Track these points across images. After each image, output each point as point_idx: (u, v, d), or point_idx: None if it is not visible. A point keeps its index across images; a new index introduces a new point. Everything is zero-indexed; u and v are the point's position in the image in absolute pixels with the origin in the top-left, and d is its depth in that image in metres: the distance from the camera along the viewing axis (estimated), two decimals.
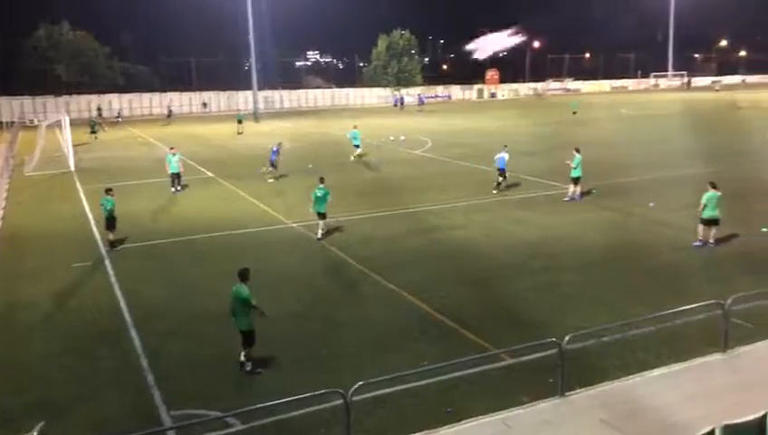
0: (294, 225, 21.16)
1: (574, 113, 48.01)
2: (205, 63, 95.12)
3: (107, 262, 17.66)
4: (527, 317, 13.09)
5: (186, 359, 11.65)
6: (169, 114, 68.02)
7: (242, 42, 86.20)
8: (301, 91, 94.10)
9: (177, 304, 14.44)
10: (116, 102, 78.91)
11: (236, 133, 51.40)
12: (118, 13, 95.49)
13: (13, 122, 63.42)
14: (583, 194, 23.92)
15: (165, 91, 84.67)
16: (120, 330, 12.99)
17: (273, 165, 29.87)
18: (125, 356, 11.82)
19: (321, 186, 19.51)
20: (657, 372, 10.36)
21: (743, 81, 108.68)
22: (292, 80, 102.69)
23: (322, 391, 8.94)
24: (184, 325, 13.19)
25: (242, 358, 11.11)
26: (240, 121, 53.49)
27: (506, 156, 25.37)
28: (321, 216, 19.37)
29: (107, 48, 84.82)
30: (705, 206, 17.15)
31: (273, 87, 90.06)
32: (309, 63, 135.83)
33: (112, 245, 18.90)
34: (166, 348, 12.10)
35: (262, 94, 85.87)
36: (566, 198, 23.54)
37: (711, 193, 17.15)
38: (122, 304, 14.35)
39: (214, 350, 11.95)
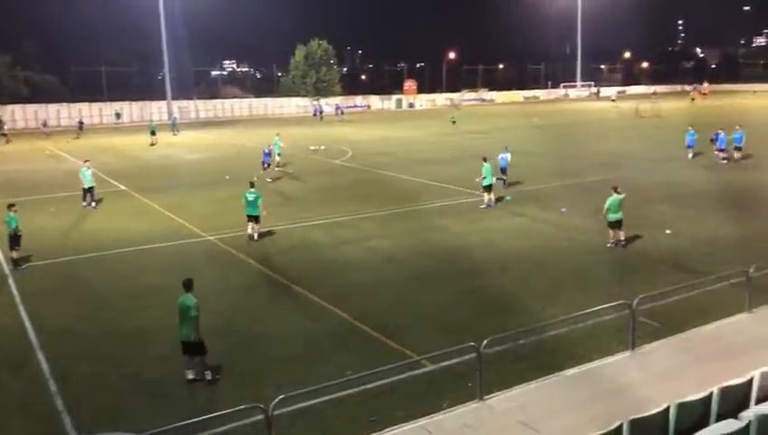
0: (211, 238, 20.72)
1: (453, 122, 50.30)
2: (116, 73, 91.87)
3: (10, 282, 16.74)
4: (447, 323, 13.31)
5: (97, 381, 11.18)
6: (80, 126, 64.77)
7: (155, 50, 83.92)
8: (217, 101, 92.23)
9: (87, 323, 13.85)
10: (19, 113, 75.11)
11: (149, 145, 49.91)
12: (20, 20, 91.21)
13: None
14: (497, 200, 24.60)
15: (74, 101, 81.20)
16: (25, 353, 12.32)
17: (265, 166, 31.03)
18: (31, 381, 11.22)
19: (252, 190, 20.12)
20: (571, 371, 10.73)
21: (654, 91, 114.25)
22: (208, 90, 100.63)
23: (243, 407, 8.78)
24: (95, 346, 12.66)
25: (191, 375, 10.91)
26: (153, 132, 51.96)
27: (509, 156, 27.67)
28: (254, 219, 19.98)
29: (7, 57, 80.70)
30: (608, 209, 18.04)
31: (188, 97, 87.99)
32: (225, 73, 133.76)
33: (16, 263, 17.93)
34: (76, 370, 11.57)
35: (176, 104, 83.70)
36: (482, 206, 24.13)
37: (614, 197, 18.04)
38: (28, 326, 13.63)
39: (127, 370, 11.53)
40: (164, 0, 77.95)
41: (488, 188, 24.02)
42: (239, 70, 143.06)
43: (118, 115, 76.62)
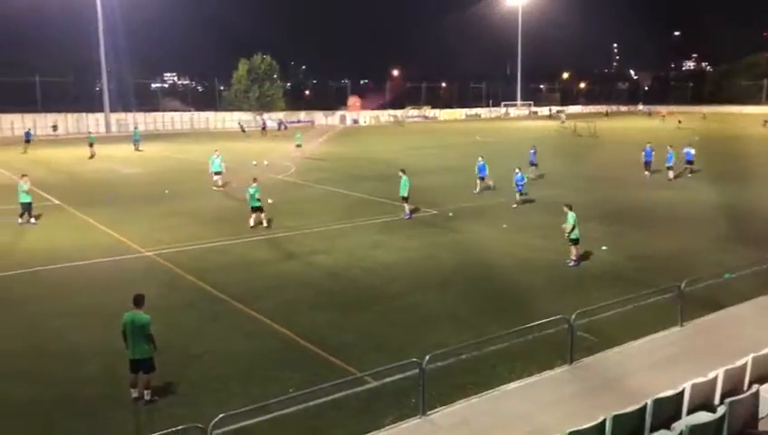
0: (150, 253, 20.23)
1: (298, 146, 50.39)
2: (51, 83, 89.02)
3: None
4: (390, 339, 13.33)
5: (27, 403, 10.71)
6: (27, 138, 60.01)
7: (93, 60, 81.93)
8: (157, 114, 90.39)
9: (16, 343, 13.28)
10: None
11: (88, 157, 48.49)
12: None
13: None
14: (412, 212, 25.57)
15: (4, 111, 78.14)
16: None
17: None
18: None
19: (254, 184, 23.48)
20: (512, 385, 10.90)
21: (606, 112, 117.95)
22: (148, 102, 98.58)
23: (181, 427, 8.56)
24: (25, 366, 12.14)
25: (135, 393, 10.64)
26: (92, 144, 50.50)
27: (484, 164, 30.85)
28: (258, 209, 23.38)
29: None
30: (573, 226, 18.32)
31: (127, 109, 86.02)
32: (166, 86, 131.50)
33: None
34: (5, 392, 11.06)
35: (115, 117, 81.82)
36: (401, 215, 25.20)
37: (572, 214, 18.38)
38: None
39: (60, 390, 11.10)
40: (102, 10, 76.38)
41: (405, 199, 25.28)
42: (180, 82, 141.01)
43: (54, 127, 73.96)
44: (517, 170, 27.39)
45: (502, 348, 12.29)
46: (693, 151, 37.04)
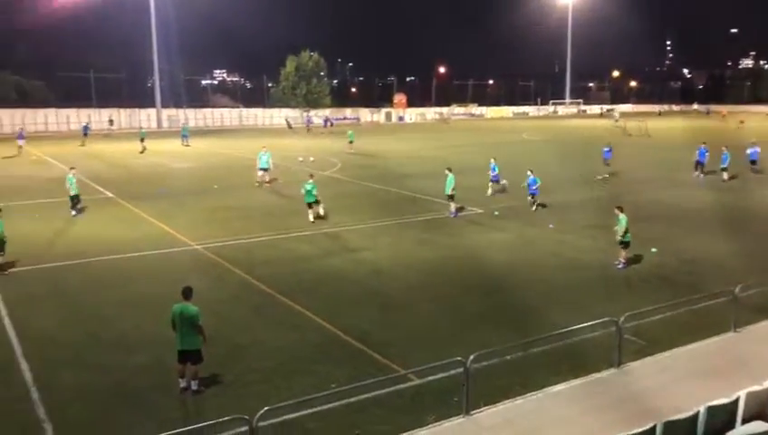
0: (199, 246, 20.60)
1: (350, 143, 50.82)
2: (106, 79, 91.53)
3: None
4: (433, 338, 13.28)
5: (80, 390, 11.02)
6: (85, 132, 62.31)
7: (145, 58, 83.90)
8: (207, 110, 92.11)
9: (71, 331, 13.69)
10: (7, 118, 74.56)
11: (139, 152, 49.74)
12: (11, 26, 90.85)
13: None
14: (457, 210, 25.50)
15: (62, 106, 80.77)
16: (7, 361, 12.14)
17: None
18: (13, 389, 11.04)
19: (311, 180, 24.10)
20: (557, 388, 10.73)
21: (659, 111, 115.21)
22: (198, 98, 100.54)
23: (227, 418, 8.70)
24: (78, 354, 12.50)
25: (183, 383, 10.85)
26: (143, 139, 51.88)
27: (496, 166, 30.00)
28: (314, 204, 23.90)
29: None
30: (627, 229, 17.89)
31: (178, 105, 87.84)
32: (215, 82, 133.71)
33: (0, 269, 17.74)
34: (58, 379, 11.41)
35: (166, 112, 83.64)
36: (447, 213, 25.22)
37: (624, 216, 17.95)
38: (11, 333, 13.44)
39: (111, 378, 11.40)
40: (155, 8, 78.07)
41: (450, 198, 25.25)
42: (229, 79, 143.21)
43: (111, 122, 75.95)
44: (529, 173, 26.56)
45: (547, 349, 12.13)
46: (758, 151, 35.75)
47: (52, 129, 75.56)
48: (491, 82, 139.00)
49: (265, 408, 8.44)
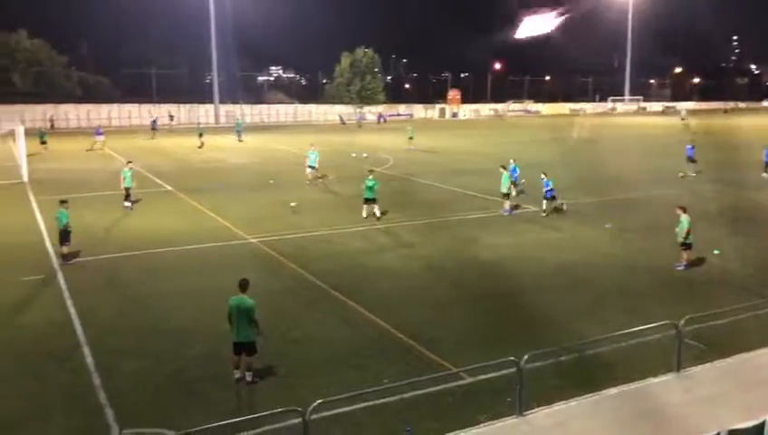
0: (254, 240, 20.94)
1: (410, 139, 50.50)
2: (165, 75, 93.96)
3: (60, 276, 17.17)
4: (486, 336, 13.17)
5: (139, 377, 11.37)
6: (154, 126, 64.46)
7: (203, 54, 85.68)
8: (263, 106, 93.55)
9: (130, 320, 14.12)
10: (72, 113, 77.38)
11: (197, 147, 50.92)
12: (76, 23, 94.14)
13: None
14: (512, 208, 25.29)
15: (124, 102, 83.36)
16: (71, 346, 12.61)
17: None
18: (76, 374, 11.48)
19: (371, 176, 23.94)
20: (612, 391, 10.50)
21: (725, 109, 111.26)
22: (254, 94, 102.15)
23: (280, 410, 8.82)
24: (138, 342, 12.89)
25: (238, 374, 11.06)
26: (201, 135, 53.10)
27: (516, 167, 28.14)
28: (372, 201, 23.66)
29: (64, 57, 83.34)
30: (689, 231, 17.36)
31: (234, 101, 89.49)
32: (271, 79, 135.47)
33: (65, 258, 18.42)
34: (119, 365, 11.79)
35: (223, 108, 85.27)
36: (503, 211, 25.03)
37: (686, 217, 17.43)
38: (75, 320, 13.96)
39: (169, 367, 11.71)
40: (214, 5, 79.59)
41: (505, 196, 25.00)
42: (285, 76, 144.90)
43: (171, 117, 77.89)
44: (543, 176, 25.53)
45: (604, 351, 11.88)
46: None
47: (115, 123, 77.99)
48: (547, 78, 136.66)
49: (318, 401, 8.52)
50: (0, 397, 10.61)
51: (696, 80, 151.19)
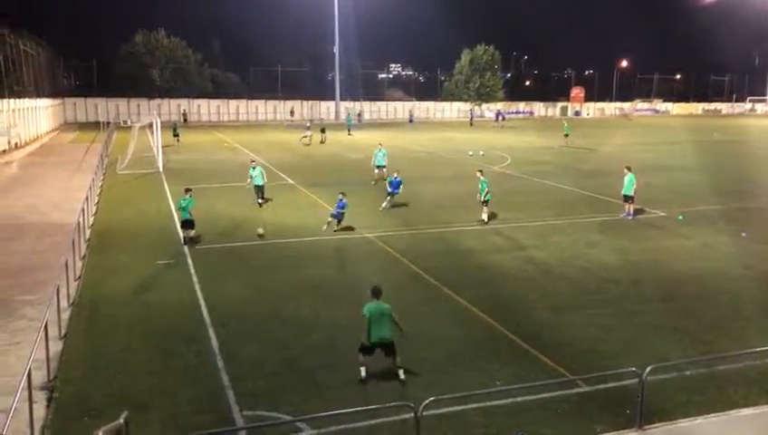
0: (370, 235, 21.25)
1: (566, 135, 48.68)
2: (290, 73, 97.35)
3: (189, 261, 18.21)
4: (604, 345, 12.63)
5: (259, 361, 11.83)
6: (308, 127, 65.12)
7: (326, 52, 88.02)
8: (381, 103, 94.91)
9: (253, 306, 14.73)
10: (204, 107, 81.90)
11: (319, 142, 52.48)
12: (209, 23, 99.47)
13: (108, 123, 66.71)
14: (636, 212, 24.06)
15: (251, 98, 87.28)
16: (198, 328, 13.34)
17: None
18: (202, 355, 12.12)
19: (480, 175, 23.18)
20: (745, 411, 9.79)
21: None
22: (374, 91, 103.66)
23: (393, 404, 8.90)
24: (259, 328, 13.43)
25: (363, 374, 11.05)
26: (323, 131, 54.65)
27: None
28: (485, 203, 22.80)
29: (198, 55, 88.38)
30: None
31: (354, 98, 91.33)
32: (391, 76, 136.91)
33: (192, 241, 19.61)
34: (241, 349, 12.33)
35: (344, 105, 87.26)
36: (621, 215, 23.98)
37: None
38: (202, 304, 14.75)
39: (287, 354, 12.10)
40: (338, 4, 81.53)
41: (627, 199, 23.96)
42: (404, 73, 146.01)
43: (292, 113, 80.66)
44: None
45: (735, 369, 11.10)
46: None
47: (243, 118, 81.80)
48: (678, 76, 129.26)
49: (431, 398, 8.51)
50: (134, 373, 11.39)
51: None
